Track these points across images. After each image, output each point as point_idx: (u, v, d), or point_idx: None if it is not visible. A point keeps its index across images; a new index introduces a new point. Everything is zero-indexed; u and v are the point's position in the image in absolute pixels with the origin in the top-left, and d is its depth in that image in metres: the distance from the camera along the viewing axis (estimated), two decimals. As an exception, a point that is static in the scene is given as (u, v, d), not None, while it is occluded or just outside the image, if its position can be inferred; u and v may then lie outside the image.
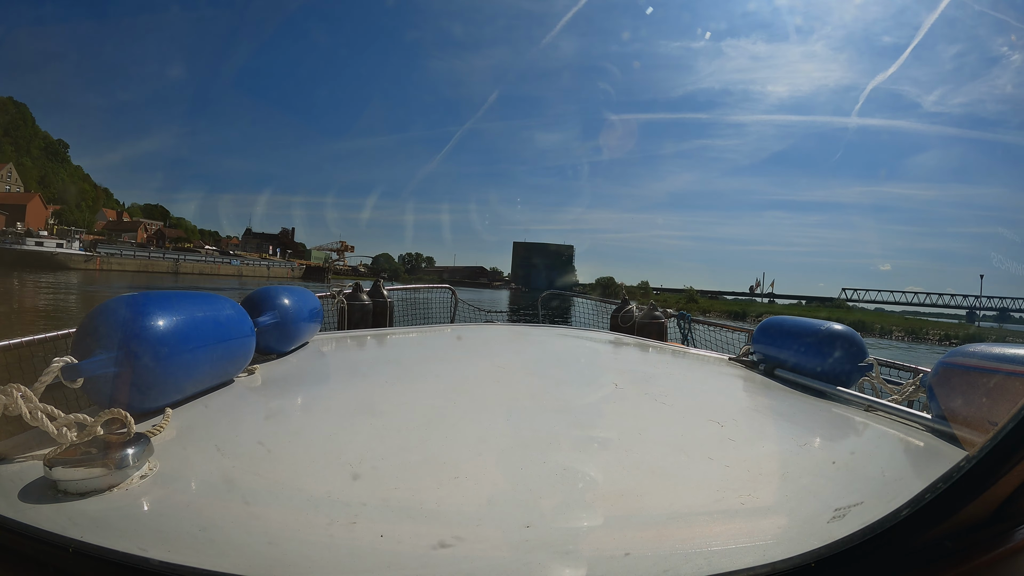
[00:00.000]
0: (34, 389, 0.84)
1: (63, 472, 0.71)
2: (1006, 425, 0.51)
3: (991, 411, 1.04)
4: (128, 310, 1.01)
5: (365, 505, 0.70)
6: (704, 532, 0.67)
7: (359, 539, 0.63)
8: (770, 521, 0.74)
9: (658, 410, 1.27)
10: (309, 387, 1.42)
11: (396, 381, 1.45)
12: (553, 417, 1.15)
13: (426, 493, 0.74)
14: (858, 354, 1.62)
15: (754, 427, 1.19)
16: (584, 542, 0.65)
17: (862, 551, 0.54)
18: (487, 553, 0.62)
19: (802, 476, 0.87)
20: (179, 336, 1.04)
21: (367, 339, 2.30)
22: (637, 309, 4.79)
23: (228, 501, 0.71)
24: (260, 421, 1.11)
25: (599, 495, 0.77)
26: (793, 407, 1.39)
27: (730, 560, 0.60)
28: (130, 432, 0.80)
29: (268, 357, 1.61)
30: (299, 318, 1.71)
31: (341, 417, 1.09)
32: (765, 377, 1.77)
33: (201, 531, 0.63)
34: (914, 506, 0.53)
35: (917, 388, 1.43)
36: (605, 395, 1.41)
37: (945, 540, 0.55)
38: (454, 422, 1.07)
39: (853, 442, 1.18)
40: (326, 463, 0.83)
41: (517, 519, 0.68)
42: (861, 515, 0.67)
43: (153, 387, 1.00)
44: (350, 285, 4.43)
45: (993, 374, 1.07)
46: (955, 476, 0.52)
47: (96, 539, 0.59)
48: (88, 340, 0.96)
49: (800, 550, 0.57)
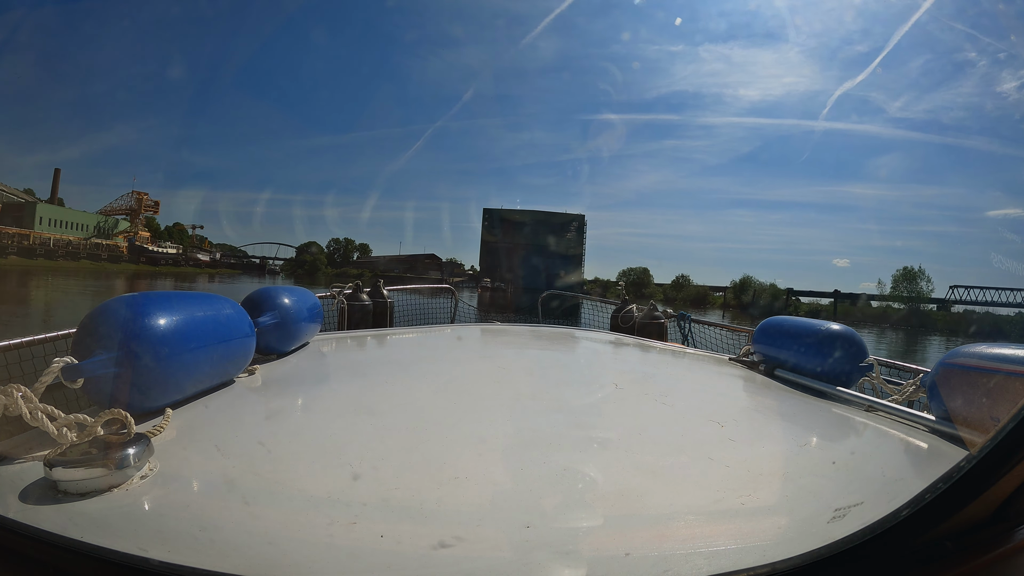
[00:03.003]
0: (34, 389, 0.84)
1: (63, 472, 0.71)
2: (1006, 425, 0.51)
3: (991, 411, 1.04)
4: (128, 310, 1.01)
5: (365, 505, 0.70)
6: (704, 532, 0.67)
7: (359, 539, 0.63)
8: (770, 521, 0.74)
9: (658, 410, 1.27)
10: (309, 387, 1.42)
11: (396, 381, 1.45)
12: (553, 417, 1.15)
13: (426, 493, 0.74)
14: (858, 354, 1.62)
15: (754, 427, 1.19)
16: (584, 542, 0.65)
17: (862, 551, 0.54)
18: (487, 553, 0.62)
19: (802, 476, 0.87)
20: (179, 336, 1.04)
21: (367, 339, 2.30)
22: (637, 310, 4.80)
23: (228, 501, 0.71)
24: (260, 421, 1.11)
25: (599, 495, 0.77)
26: (793, 407, 1.39)
27: (730, 560, 0.60)
28: (130, 432, 0.80)
29: (268, 357, 1.61)
30: (299, 318, 1.71)
31: (341, 417, 1.09)
32: (765, 377, 1.76)
33: (201, 531, 0.63)
34: (914, 506, 0.53)
35: (917, 388, 1.43)
36: (605, 395, 1.41)
37: (945, 540, 0.55)
38: (454, 422, 1.07)
39: (853, 442, 1.18)
40: (326, 463, 0.83)
41: (517, 519, 0.68)
42: (861, 515, 0.67)
43: (153, 387, 1.00)
44: (351, 283, 4.43)
45: (993, 374, 1.07)
46: (955, 476, 0.52)
47: (96, 539, 0.59)
48: (88, 340, 0.96)
49: (800, 550, 0.57)
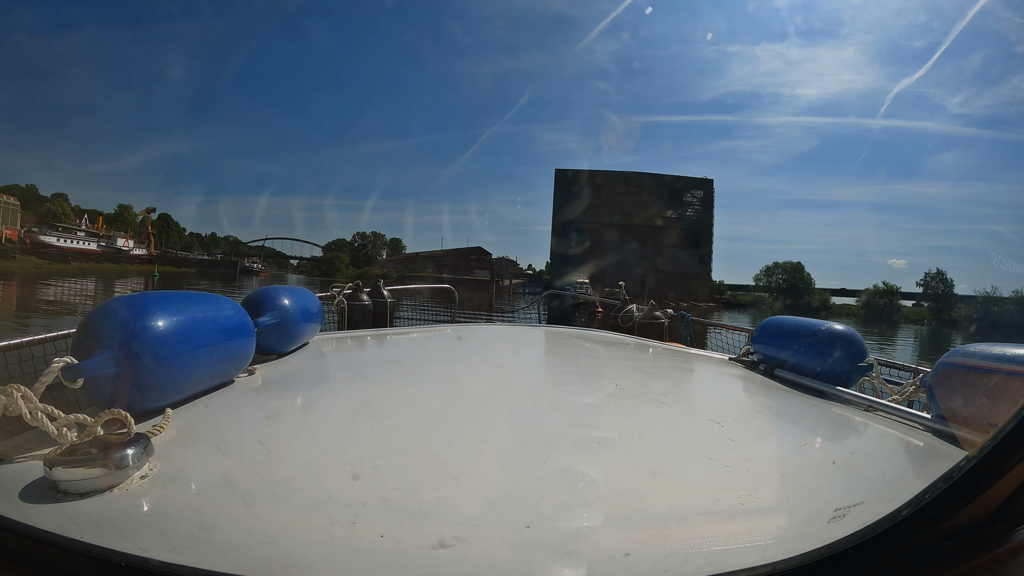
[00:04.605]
0: (34, 389, 0.84)
1: (63, 472, 0.71)
2: (1006, 425, 0.51)
3: (991, 411, 1.04)
4: (128, 310, 1.01)
5: (365, 505, 0.70)
6: (704, 532, 0.67)
7: (359, 539, 0.63)
8: (770, 521, 0.74)
9: (658, 410, 1.27)
10: (309, 387, 1.42)
11: (396, 381, 1.45)
12: (553, 417, 1.15)
13: (426, 493, 0.74)
14: (858, 354, 1.62)
15: (754, 427, 1.19)
16: (584, 542, 0.65)
17: (862, 551, 0.54)
18: (487, 553, 0.62)
19: (802, 476, 0.87)
20: (179, 336, 1.04)
21: (367, 339, 2.30)
22: (637, 310, 4.80)
23: (228, 501, 0.71)
24: (260, 421, 1.11)
25: (599, 495, 0.77)
26: (793, 407, 1.39)
27: (730, 560, 0.60)
28: (130, 432, 0.80)
29: (268, 357, 1.61)
30: (299, 318, 1.71)
31: (341, 417, 1.09)
32: (765, 377, 1.77)
33: (201, 531, 0.63)
34: (914, 506, 0.53)
35: (917, 388, 1.43)
36: (605, 395, 1.41)
37: (945, 540, 0.55)
38: (454, 422, 1.07)
39: (853, 442, 1.18)
40: (326, 463, 0.83)
41: (517, 519, 0.68)
42: (861, 515, 0.67)
43: (153, 387, 1.00)
44: (350, 284, 4.43)
45: (993, 374, 1.07)
46: (955, 476, 0.52)
47: (96, 539, 0.59)
48: (88, 340, 0.96)
49: (800, 550, 0.57)
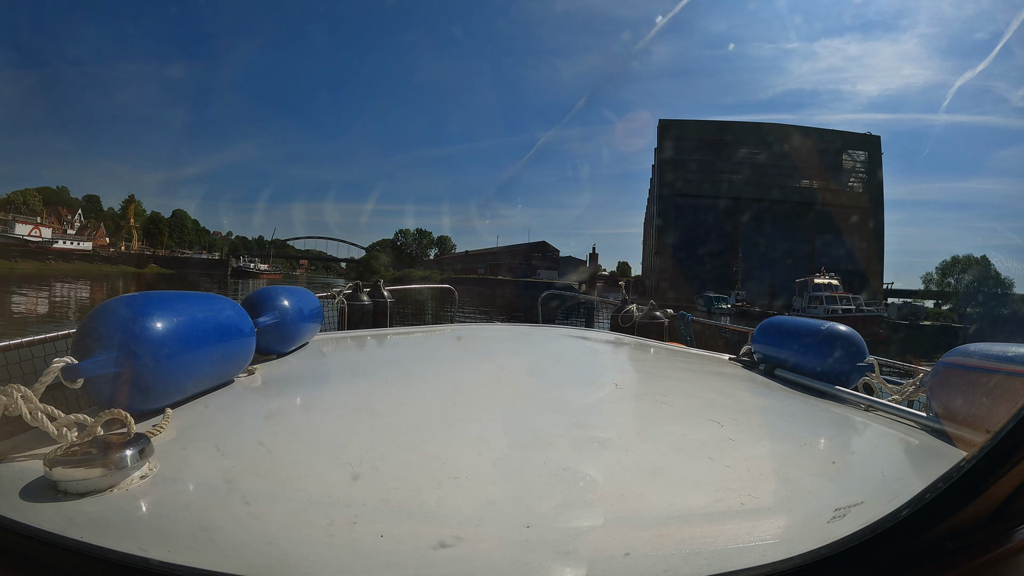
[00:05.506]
0: (34, 389, 0.84)
1: (63, 472, 0.71)
2: (1006, 425, 0.51)
3: (991, 411, 1.04)
4: (128, 310, 1.01)
5: (365, 505, 0.70)
6: (704, 532, 0.67)
7: (359, 539, 0.63)
8: (770, 521, 0.74)
9: (658, 410, 1.27)
10: (309, 387, 1.42)
11: (396, 381, 1.45)
12: (553, 417, 1.15)
13: (426, 493, 0.74)
14: (858, 354, 1.62)
15: (754, 427, 1.19)
16: (584, 542, 0.65)
17: (862, 551, 0.54)
18: (487, 553, 0.62)
19: (802, 476, 0.87)
20: (179, 336, 1.04)
21: (367, 339, 2.30)
22: (637, 310, 4.80)
23: (228, 501, 0.71)
24: (260, 421, 1.11)
25: (599, 495, 0.77)
26: (793, 407, 1.39)
27: (730, 560, 0.60)
28: (130, 432, 0.80)
29: (268, 357, 1.61)
30: (299, 318, 1.71)
31: (341, 417, 1.09)
32: (765, 377, 1.77)
33: (201, 531, 0.63)
34: (914, 506, 0.53)
35: (917, 388, 1.43)
36: (605, 395, 1.41)
37: (945, 540, 0.55)
38: (454, 422, 1.07)
39: (853, 442, 1.18)
40: (326, 463, 0.83)
41: (517, 519, 0.68)
42: (861, 515, 0.67)
43: (153, 387, 1.00)
44: (350, 284, 4.45)
45: (993, 374, 1.07)
46: (955, 476, 0.52)
47: (96, 539, 0.59)
48: (88, 340, 0.96)
49: (800, 550, 0.57)
